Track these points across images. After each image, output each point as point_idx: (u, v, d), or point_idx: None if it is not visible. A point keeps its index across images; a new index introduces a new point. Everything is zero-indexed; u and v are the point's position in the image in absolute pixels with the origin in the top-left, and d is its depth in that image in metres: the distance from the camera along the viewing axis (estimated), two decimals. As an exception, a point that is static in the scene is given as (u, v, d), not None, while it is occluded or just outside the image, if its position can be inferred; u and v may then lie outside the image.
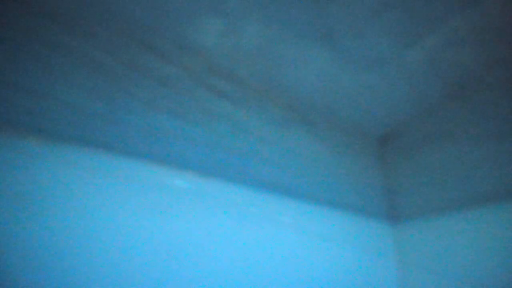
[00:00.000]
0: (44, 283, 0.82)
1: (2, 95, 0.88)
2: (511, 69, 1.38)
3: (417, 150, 1.61)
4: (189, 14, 1.08)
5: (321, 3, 1.10)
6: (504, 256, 1.25)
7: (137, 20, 1.08)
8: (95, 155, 0.98)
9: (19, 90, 0.90)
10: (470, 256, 1.35)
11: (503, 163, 1.32)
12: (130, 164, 1.03)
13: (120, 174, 1.00)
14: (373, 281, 1.49)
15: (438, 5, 1.15)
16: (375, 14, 1.15)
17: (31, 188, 0.86)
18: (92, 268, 0.89)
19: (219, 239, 1.13)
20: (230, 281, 1.11)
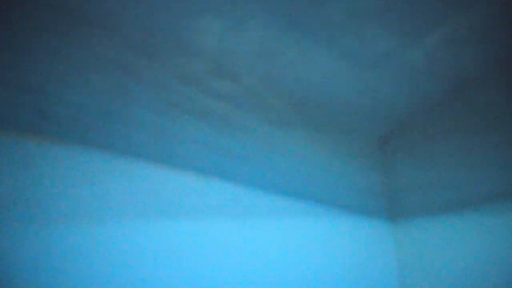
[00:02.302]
0: (44, 284, 0.82)
1: (2, 95, 0.87)
2: (511, 69, 1.38)
3: (417, 150, 1.61)
4: (189, 14, 1.08)
5: (321, 2, 1.10)
6: (505, 256, 1.25)
7: (137, 20, 1.08)
8: (96, 155, 0.98)
9: (19, 89, 0.90)
10: (471, 256, 1.35)
11: (504, 162, 1.32)
12: (131, 164, 1.03)
13: (120, 174, 1.01)
14: (373, 280, 1.49)
15: (438, 5, 1.15)
16: (376, 13, 1.16)
17: (31, 188, 0.86)
18: (92, 268, 0.89)
19: (219, 240, 1.13)
20: (230, 281, 1.12)
